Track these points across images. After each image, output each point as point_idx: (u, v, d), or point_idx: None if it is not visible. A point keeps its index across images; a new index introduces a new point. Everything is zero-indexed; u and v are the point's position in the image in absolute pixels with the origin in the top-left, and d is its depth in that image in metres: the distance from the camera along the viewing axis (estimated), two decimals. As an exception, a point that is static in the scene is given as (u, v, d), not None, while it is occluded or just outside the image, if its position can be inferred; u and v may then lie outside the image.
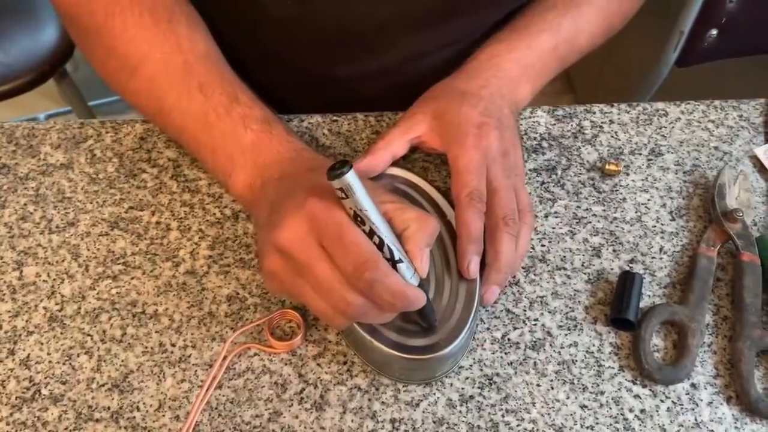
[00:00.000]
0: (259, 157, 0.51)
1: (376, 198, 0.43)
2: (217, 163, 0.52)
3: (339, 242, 0.41)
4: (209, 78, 0.53)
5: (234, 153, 0.51)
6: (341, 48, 0.66)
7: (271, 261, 0.43)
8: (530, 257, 0.55)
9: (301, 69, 0.70)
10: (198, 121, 0.52)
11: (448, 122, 0.54)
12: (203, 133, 0.52)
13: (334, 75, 0.69)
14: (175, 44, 0.54)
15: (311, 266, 0.42)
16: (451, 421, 0.48)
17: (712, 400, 0.49)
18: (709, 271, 0.54)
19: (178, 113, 0.53)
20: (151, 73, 0.54)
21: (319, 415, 0.48)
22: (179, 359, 0.50)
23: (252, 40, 0.69)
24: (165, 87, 0.53)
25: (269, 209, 0.46)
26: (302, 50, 0.67)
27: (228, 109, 0.52)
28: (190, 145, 0.54)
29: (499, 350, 0.51)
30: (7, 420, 0.48)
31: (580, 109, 0.65)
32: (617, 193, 0.59)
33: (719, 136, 0.63)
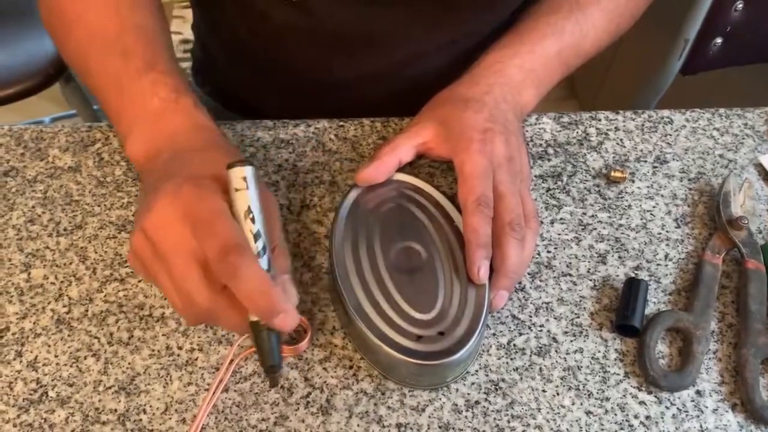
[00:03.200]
0: (158, 126, 0.50)
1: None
2: (120, 124, 0.52)
3: (210, 228, 0.41)
4: (135, 45, 0.53)
5: (137, 117, 0.51)
6: (338, 50, 0.66)
7: (137, 241, 0.43)
8: (536, 263, 0.55)
9: (298, 72, 0.70)
10: (112, 84, 0.52)
11: (453, 128, 0.55)
12: (115, 96, 0.52)
13: (332, 78, 0.69)
14: (114, 9, 0.54)
15: (170, 255, 0.41)
16: (457, 427, 0.48)
17: (718, 407, 0.49)
18: (714, 278, 0.54)
19: (97, 75, 0.53)
20: (83, 34, 0.54)
21: (325, 420, 0.48)
22: (186, 362, 0.50)
23: (250, 45, 0.70)
24: (92, 49, 0.53)
25: (152, 186, 0.45)
26: (299, 53, 0.67)
27: (141, 74, 0.51)
28: (103, 107, 0.54)
29: (504, 356, 0.51)
30: (14, 422, 0.48)
31: (586, 116, 0.65)
32: (623, 200, 0.59)
33: (724, 143, 0.63)
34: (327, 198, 0.59)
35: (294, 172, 0.60)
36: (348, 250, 0.51)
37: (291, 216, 0.57)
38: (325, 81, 0.69)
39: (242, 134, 0.63)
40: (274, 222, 0.47)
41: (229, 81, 0.80)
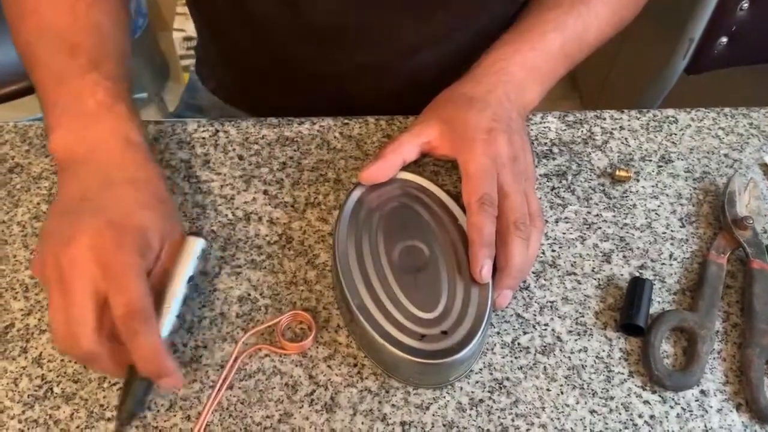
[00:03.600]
0: (86, 131, 0.50)
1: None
2: (50, 115, 0.51)
3: (120, 283, 0.43)
4: (84, 43, 0.53)
5: (69, 114, 0.51)
6: (326, 44, 0.66)
7: (47, 258, 0.44)
8: (540, 262, 0.55)
9: (291, 66, 0.70)
10: (54, 78, 0.52)
11: (457, 128, 0.54)
12: (53, 89, 0.52)
13: (324, 72, 0.69)
14: (70, 5, 0.54)
15: (73, 291, 0.43)
16: (461, 425, 0.48)
17: (722, 407, 0.49)
18: (718, 278, 0.54)
19: (42, 68, 0.53)
20: (36, 26, 0.54)
21: (329, 417, 0.48)
22: (190, 359, 0.50)
23: (243, 41, 0.70)
24: (42, 42, 0.53)
25: (75, 211, 0.46)
26: (289, 47, 0.67)
27: (84, 73, 0.51)
28: (40, 100, 0.53)
29: (509, 354, 0.51)
30: (19, 418, 0.48)
31: (591, 115, 0.65)
32: (627, 200, 0.59)
33: (729, 143, 0.63)
34: (331, 196, 0.59)
35: (298, 170, 0.60)
36: (352, 248, 0.51)
37: (295, 213, 0.57)
38: (318, 75, 0.69)
39: (247, 131, 0.63)
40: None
41: (229, 77, 0.80)
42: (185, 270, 0.49)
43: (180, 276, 0.49)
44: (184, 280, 0.49)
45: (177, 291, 0.48)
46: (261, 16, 0.64)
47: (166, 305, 0.48)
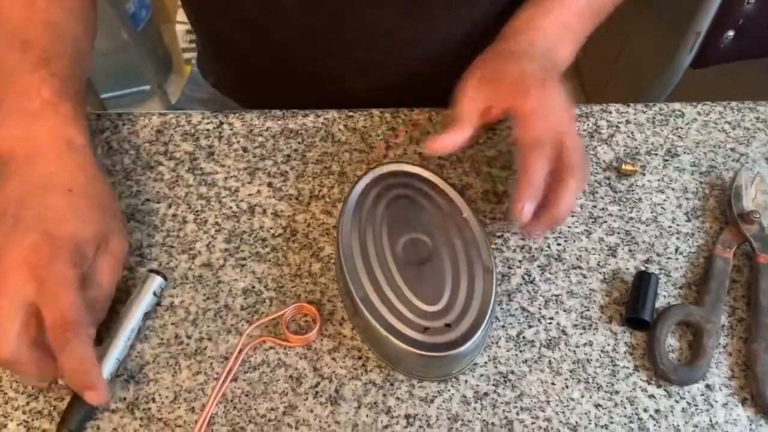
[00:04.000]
0: (30, 129, 0.49)
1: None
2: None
3: (54, 295, 0.43)
4: (38, 40, 0.52)
5: (15, 111, 0.50)
6: (321, 42, 0.65)
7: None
8: (546, 256, 0.55)
9: (288, 68, 0.69)
10: (4, 74, 0.51)
11: (510, 78, 0.53)
12: (4, 85, 0.51)
13: (321, 72, 0.68)
14: (29, 1, 0.53)
15: (2, 303, 0.43)
16: (466, 418, 0.48)
17: (728, 402, 0.49)
18: (725, 272, 0.54)
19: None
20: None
21: (333, 410, 0.48)
22: (195, 351, 0.50)
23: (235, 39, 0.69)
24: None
25: (12, 219, 0.46)
26: (285, 48, 0.66)
27: (34, 69, 0.50)
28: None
29: (514, 348, 0.51)
30: (24, 409, 0.48)
31: (597, 109, 0.65)
32: (633, 193, 0.59)
33: (736, 137, 0.63)
34: (336, 189, 0.59)
35: (303, 163, 0.60)
36: (356, 241, 0.51)
37: (300, 206, 0.57)
38: (317, 74, 0.68)
39: (251, 124, 0.62)
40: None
41: (228, 75, 0.80)
42: (141, 305, 0.50)
43: (136, 309, 0.50)
44: (139, 314, 0.50)
45: (132, 321, 0.50)
46: (251, 15, 0.63)
47: (120, 333, 0.49)
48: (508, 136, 0.62)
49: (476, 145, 0.61)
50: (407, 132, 0.62)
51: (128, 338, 0.49)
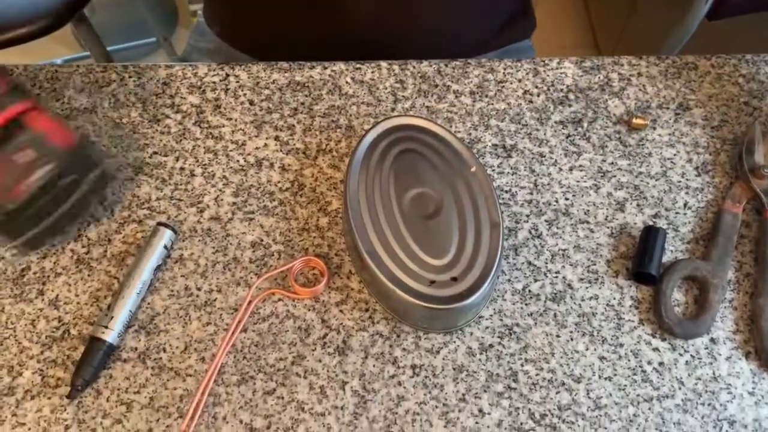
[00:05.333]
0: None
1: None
2: None
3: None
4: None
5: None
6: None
7: None
8: (553, 210, 0.55)
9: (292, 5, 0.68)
10: None
11: None
12: None
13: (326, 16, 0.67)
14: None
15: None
16: (471, 369, 0.49)
17: (731, 355, 0.49)
18: (733, 227, 0.53)
19: None
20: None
21: (341, 360, 0.49)
22: (205, 303, 0.51)
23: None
24: None
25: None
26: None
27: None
28: None
29: (519, 301, 0.51)
30: (38, 358, 0.49)
31: (608, 61, 0.64)
32: (643, 148, 0.58)
33: (750, 91, 0.62)
34: (343, 142, 0.58)
35: (310, 116, 0.60)
36: (363, 195, 0.51)
37: (307, 160, 0.57)
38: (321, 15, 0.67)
39: (257, 76, 0.62)
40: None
41: (237, 20, 0.79)
42: (153, 258, 0.51)
43: (148, 261, 0.51)
44: (151, 267, 0.51)
45: (144, 274, 0.50)
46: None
47: (132, 285, 0.50)
48: (518, 89, 0.61)
49: (485, 98, 0.60)
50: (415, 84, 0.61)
51: (140, 291, 0.50)
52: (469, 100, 0.60)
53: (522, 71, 0.62)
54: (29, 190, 0.47)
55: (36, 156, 0.47)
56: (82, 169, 0.50)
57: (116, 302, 0.49)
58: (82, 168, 0.50)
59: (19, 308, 0.51)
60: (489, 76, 0.62)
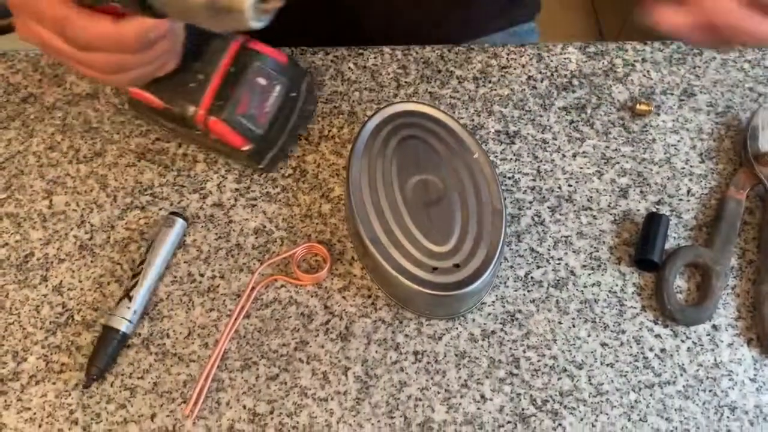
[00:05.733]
0: None
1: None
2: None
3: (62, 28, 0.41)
4: None
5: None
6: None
7: (25, 18, 0.44)
8: (556, 197, 0.55)
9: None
10: None
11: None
12: None
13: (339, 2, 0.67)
14: None
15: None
16: (473, 355, 0.49)
17: (733, 342, 0.49)
18: (736, 214, 0.53)
19: None
20: None
21: (344, 345, 0.49)
22: (208, 289, 0.51)
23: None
24: None
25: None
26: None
27: None
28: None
29: (522, 288, 0.51)
30: (42, 343, 0.49)
31: (612, 47, 0.63)
32: (647, 134, 0.58)
33: (755, 76, 0.61)
34: (346, 129, 0.58)
35: (313, 101, 0.59)
36: (365, 181, 0.51)
37: (309, 147, 0.57)
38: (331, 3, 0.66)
39: (260, 62, 0.62)
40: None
41: None
42: (167, 249, 0.51)
43: (163, 253, 0.51)
44: (166, 258, 0.51)
45: (158, 266, 0.50)
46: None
47: (147, 277, 0.50)
48: (522, 75, 0.61)
49: (488, 84, 0.60)
50: (418, 70, 0.61)
51: (153, 281, 0.50)
52: (472, 86, 0.60)
53: (526, 57, 0.62)
54: (272, 111, 0.51)
55: (269, 77, 0.50)
56: (297, 83, 0.53)
57: (129, 292, 0.49)
58: (296, 81, 0.53)
59: (23, 294, 0.51)
60: (492, 62, 0.61)
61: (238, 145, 0.50)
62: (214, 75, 0.49)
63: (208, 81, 0.49)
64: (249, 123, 0.50)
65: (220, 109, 0.49)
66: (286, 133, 0.54)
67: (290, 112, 0.54)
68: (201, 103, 0.49)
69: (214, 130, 0.49)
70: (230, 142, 0.50)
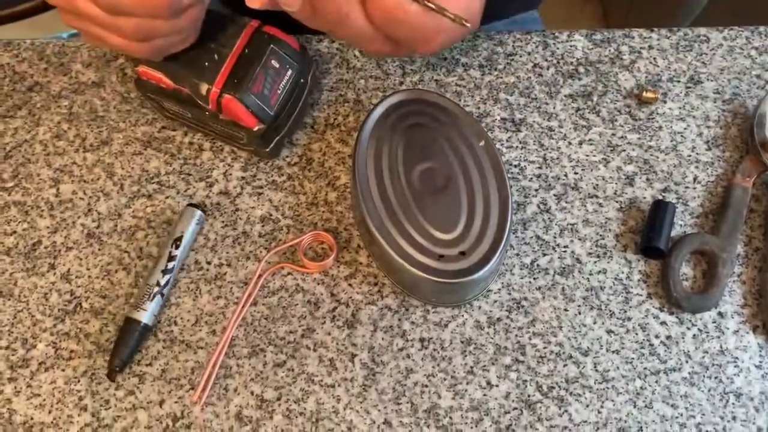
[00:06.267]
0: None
1: None
2: None
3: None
4: None
5: None
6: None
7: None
8: (563, 185, 0.55)
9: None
10: None
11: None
12: None
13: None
14: None
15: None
16: (479, 342, 0.49)
17: (739, 329, 0.50)
18: (743, 201, 0.53)
19: None
20: None
21: (350, 333, 0.49)
22: (215, 276, 0.51)
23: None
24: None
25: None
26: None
27: None
28: None
29: (528, 275, 0.51)
30: (51, 330, 0.50)
31: (619, 34, 0.63)
32: (653, 121, 0.58)
33: (762, 63, 0.61)
34: (351, 117, 0.58)
35: (318, 90, 0.59)
36: (371, 169, 0.51)
37: (315, 135, 0.57)
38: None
39: (265, 50, 0.61)
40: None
41: None
42: (176, 234, 0.51)
43: (171, 238, 0.51)
44: (186, 246, 0.51)
45: (166, 250, 0.51)
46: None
47: (165, 264, 0.50)
48: (527, 62, 0.60)
49: (494, 71, 0.60)
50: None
51: (173, 272, 0.51)
52: (478, 74, 0.60)
53: (531, 44, 0.61)
54: (283, 94, 0.51)
55: (282, 61, 0.51)
56: (306, 70, 0.54)
57: (162, 289, 0.50)
58: (306, 68, 0.54)
59: (32, 282, 0.51)
60: (498, 49, 0.61)
61: (251, 125, 0.50)
62: (229, 55, 0.50)
63: (223, 60, 0.49)
64: (262, 103, 0.50)
65: (234, 88, 0.49)
66: (293, 118, 0.54)
67: (298, 98, 0.54)
68: (215, 82, 0.49)
69: (227, 108, 0.49)
70: (243, 121, 0.50)
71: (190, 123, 0.55)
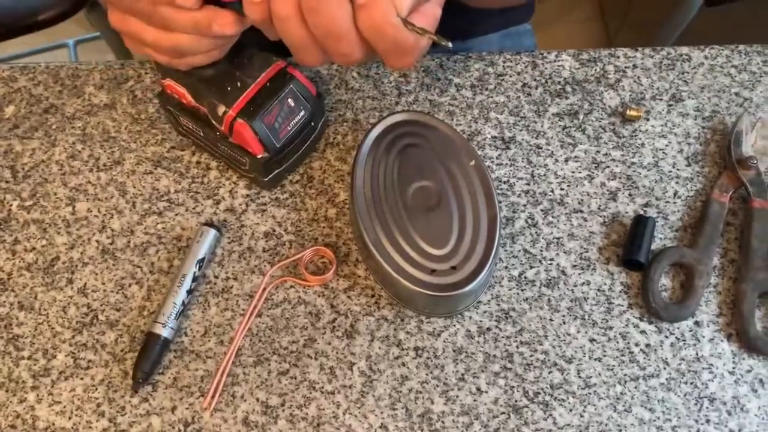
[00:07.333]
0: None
1: None
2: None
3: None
4: None
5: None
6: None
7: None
8: (549, 200, 0.58)
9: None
10: None
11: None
12: None
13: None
14: None
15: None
16: (470, 350, 0.52)
17: (714, 337, 0.53)
18: (720, 216, 0.56)
19: None
20: None
21: (349, 342, 0.53)
22: (222, 290, 0.55)
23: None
24: None
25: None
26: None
27: None
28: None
29: (515, 287, 0.55)
30: (70, 341, 0.53)
31: (605, 53, 0.66)
32: (636, 139, 0.61)
33: (741, 81, 0.64)
34: (350, 136, 0.61)
35: (318, 110, 0.62)
36: (368, 187, 0.54)
37: (315, 153, 0.60)
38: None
39: (268, 72, 0.65)
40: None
41: None
42: (199, 255, 0.55)
43: (194, 259, 0.54)
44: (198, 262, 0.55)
45: (191, 270, 0.54)
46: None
47: (181, 281, 0.53)
48: (517, 82, 0.63)
49: (485, 91, 0.63)
50: (418, 79, 0.64)
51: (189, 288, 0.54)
52: (470, 93, 0.63)
53: (521, 64, 0.64)
54: (292, 131, 0.55)
55: (298, 101, 0.55)
56: (317, 116, 0.58)
57: (185, 308, 0.54)
58: (318, 115, 0.58)
59: (51, 296, 0.55)
60: (489, 70, 0.64)
61: (256, 152, 0.54)
62: (251, 85, 0.53)
63: (245, 88, 0.53)
64: (271, 134, 0.54)
65: (249, 114, 0.52)
66: (296, 156, 0.58)
67: (305, 139, 0.58)
68: (233, 106, 0.52)
69: (237, 132, 0.53)
70: (250, 147, 0.53)
71: (200, 142, 0.58)
